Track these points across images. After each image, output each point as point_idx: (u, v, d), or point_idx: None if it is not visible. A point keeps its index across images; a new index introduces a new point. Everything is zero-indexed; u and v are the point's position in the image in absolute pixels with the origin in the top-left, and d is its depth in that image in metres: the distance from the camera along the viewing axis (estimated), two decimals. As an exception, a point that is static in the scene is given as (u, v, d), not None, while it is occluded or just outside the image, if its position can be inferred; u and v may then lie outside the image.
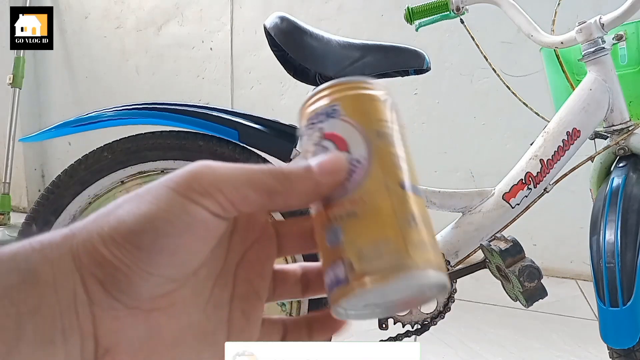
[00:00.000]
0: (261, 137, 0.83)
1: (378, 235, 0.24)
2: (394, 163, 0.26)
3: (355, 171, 0.26)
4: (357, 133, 0.27)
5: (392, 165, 0.26)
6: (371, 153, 0.26)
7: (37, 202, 0.84)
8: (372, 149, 0.26)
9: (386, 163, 0.26)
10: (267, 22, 0.82)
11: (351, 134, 0.27)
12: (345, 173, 0.25)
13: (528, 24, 0.91)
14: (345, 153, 0.26)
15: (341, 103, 0.27)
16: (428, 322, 0.82)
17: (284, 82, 2.28)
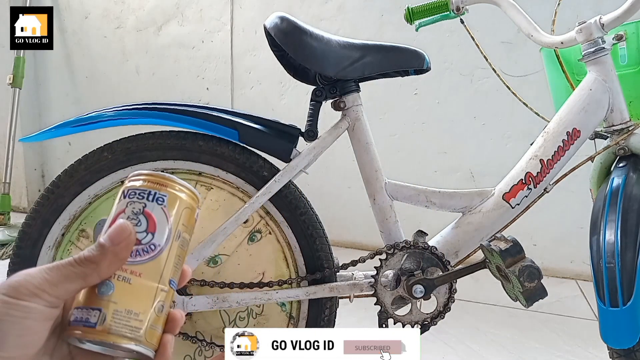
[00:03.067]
0: (261, 137, 0.83)
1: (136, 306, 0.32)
2: (176, 263, 0.35)
3: (148, 251, 0.33)
4: (167, 226, 0.35)
5: (174, 264, 0.35)
6: (167, 246, 0.34)
7: (37, 202, 0.84)
8: (169, 244, 0.35)
9: (171, 259, 0.35)
10: (267, 22, 0.82)
11: (162, 224, 0.34)
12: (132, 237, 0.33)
13: (528, 24, 0.91)
14: (150, 234, 0.34)
15: (169, 196, 0.35)
16: (428, 322, 0.82)
17: (284, 82, 2.28)
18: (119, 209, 0.34)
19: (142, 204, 0.34)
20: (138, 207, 0.34)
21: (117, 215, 0.34)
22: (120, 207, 0.34)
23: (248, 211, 0.83)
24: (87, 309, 0.32)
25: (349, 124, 0.86)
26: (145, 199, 0.34)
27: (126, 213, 0.34)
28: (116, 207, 0.35)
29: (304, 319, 0.89)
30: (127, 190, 0.35)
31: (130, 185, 0.35)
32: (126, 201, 0.34)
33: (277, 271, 0.88)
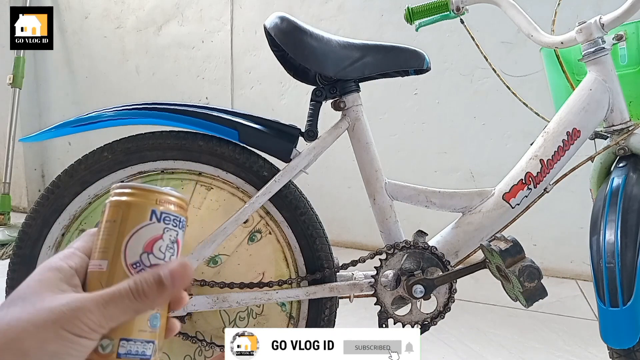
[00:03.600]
0: (261, 137, 0.83)
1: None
2: None
3: None
4: (180, 249, 0.34)
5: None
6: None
7: (37, 202, 0.84)
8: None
9: None
10: (267, 22, 0.82)
11: (181, 248, 0.34)
12: (190, 277, 0.32)
13: (528, 24, 0.91)
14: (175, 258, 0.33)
15: (186, 220, 0.35)
16: (428, 322, 0.82)
17: (284, 82, 2.28)
18: (154, 233, 0.33)
19: (176, 232, 0.34)
20: (173, 235, 0.33)
21: (152, 240, 0.33)
22: (156, 231, 0.33)
23: (248, 211, 0.83)
24: (141, 342, 0.31)
25: (349, 124, 0.86)
26: (178, 227, 0.34)
27: (164, 241, 0.33)
28: (147, 227, 0.33)
29: (304, 319, 0.89)
30: (160, 214, 0.33)
31: (165, 209, 0.33)
32: (162, 226, 0.33)
33: (277, 271, 0.88)
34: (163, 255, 0.33)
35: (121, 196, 0.33)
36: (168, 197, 0.34)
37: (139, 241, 0.32)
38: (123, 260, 0.31)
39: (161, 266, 0.32)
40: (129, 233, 0.32)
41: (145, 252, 0.32)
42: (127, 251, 0.32)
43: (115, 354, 0.30)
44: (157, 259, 0.33)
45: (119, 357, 0.30)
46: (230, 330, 0.35)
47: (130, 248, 0.32)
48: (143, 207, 0.33)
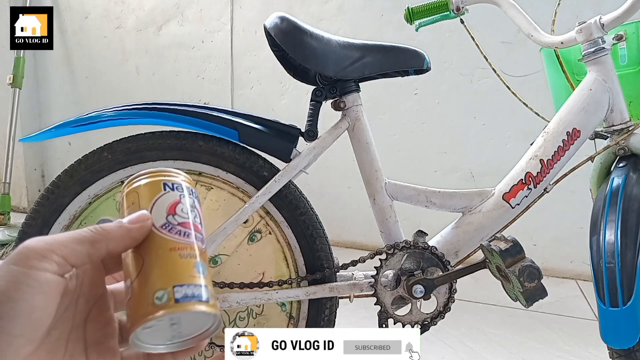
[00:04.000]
0: (261, 137, 0.83)
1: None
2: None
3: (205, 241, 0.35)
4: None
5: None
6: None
7: (37, 202, 0.84)
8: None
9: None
10: (267, 22, 0.82)
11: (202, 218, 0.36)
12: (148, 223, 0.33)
13: (528, 24, 0.91)
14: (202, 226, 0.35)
15: (196, 190, 0.37)
16: (428, 322, 0.82)
17: (284, 82, 2.28)
18: (172, 199, 0.34)
19: (192, 199, 0.36)
20: (190, 201, 0.35)
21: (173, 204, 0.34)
22: (173, 197, 0.35)
23: (248, 211, 0.83)
24: (195, 285, 0.32)
25: (349, 124, 0.86)
26: (192, 196, 0.36)
27: (184, 204, 0.35)
28: (165, 196, 0.34)
29: (304, 319, 0.89)
30: (172, 184, 0.35)
31: (175, 181, 0.36)
32: (177, 193, 0.35)
33: (277, 271, 0.88)
34: (187, 216, 0.34)
35: (132, 184, 0.36)
36: (174, 172, 0.36)
37: (161, 208, 0.34)
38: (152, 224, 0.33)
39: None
40: (150, 204, 0.34)
41: (169, 214, 0.34)
42: (155, 217, 0.33)
43: (172, 300, 0.31)
44: (182, 218, 0.34)
45: (177, 302, 0.31)
46: (230, 330, 0.35)
47: (155, 215, 0.34)
48: (155, 183, 0.35)
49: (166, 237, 0.33)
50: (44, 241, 0.29)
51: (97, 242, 0.31)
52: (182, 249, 0.33)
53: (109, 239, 0.32)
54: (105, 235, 0.32)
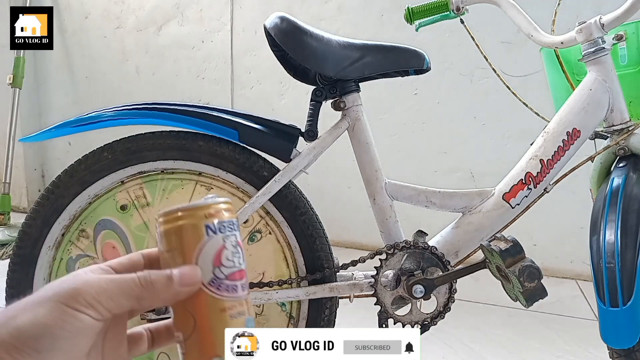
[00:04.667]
0: (261, 137, 0.83)
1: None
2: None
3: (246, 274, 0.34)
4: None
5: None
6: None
7: (37, 202, 0.84)
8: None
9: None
10: (267, 22, 0.82)
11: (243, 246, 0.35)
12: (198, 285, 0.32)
13: (528, 24, 0.91)
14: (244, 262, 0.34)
15: (237, 219, 0.35)
16: (428, 322, 0.82)
17: (284, 82, 2.28)
18: (217, 247, 0.33)
19: (234, 235, 0.34)
20: (233, 240, 0.34)
21: (218, 253, 0.33)
22: (218, 243, 0.33)
23: (248, 211, 0.83)
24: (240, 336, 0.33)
25: (349, 124, 0.86)
26: (234, 230, 0.34)
27: (228, 249, 0.33)
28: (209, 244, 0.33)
29: (304, 319, 0.89)
30: (215, 225, 0.33)
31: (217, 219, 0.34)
32: (221, 236, 0.33)
33: (277, 271, 0.88)
34: (232, 263, 0.33)
35: (170, 223, 0.34)
36: (215, 207, 0.34)
37: (207, 259, 0.33)
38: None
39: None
40: (193, 256, 0.33)
41: (215, 266, 0.32)
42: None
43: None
44: (229, 268, 0.33)
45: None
46: (230, 331, 0.35)
47: (202, 269, 0.32)
48: (197, 227, 0.33)
49: (216, 297, 0.32)
50: (94, 288, 0.30)
51: (143, 299, 0.32)
52: (232, 308, 0.33)
53: (156, 297, 0.32)
54: (153, 293, 0.32)
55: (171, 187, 0.87)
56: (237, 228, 0.34)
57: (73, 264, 0.87)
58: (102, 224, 0.87)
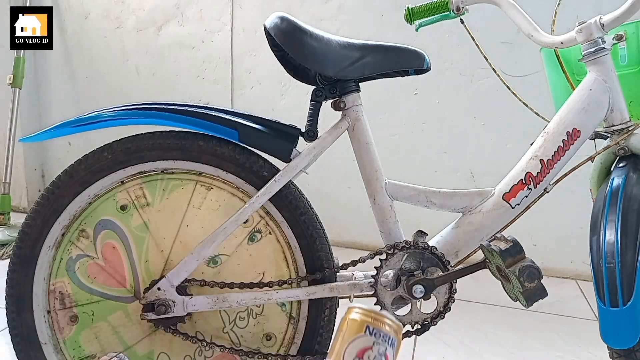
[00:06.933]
0: (261, 137, 0.83)
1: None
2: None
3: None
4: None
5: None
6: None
7: (37, 202, 0.84)
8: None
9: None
10: (267, 22, 0.82)
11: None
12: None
13: (528, 24, 0.91)
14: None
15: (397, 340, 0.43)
16: (428, 322, 0.82)
17: (284, 82, 2.28)
18: (365, 344, 0.41)
19: (385, 347, 0.41)
20: (382, 349, 0.41)
21: (363, 349, 0.41)
22: (367, 342, 0.41)
23: (248, 211, 0.83)
24: None
25: (349, 124, 0.86)
26: (387, 343, 0.41)
27: (373, 352, 0.41)
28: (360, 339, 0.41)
29: (304, 319, 0.89)
30: (373, 329, 0.41)
31: (377, 326, 0.42)
32: (372, 339, 0.41)
33: (277, 271, 0.88)
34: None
35: (352, 312, 0.43)
36: (382, 318, 0.42)
37: (354, 349, 0.41)
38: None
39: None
40: (348, 341, 0.41)
41: (357, 357, 0.40)
42: (345, 355, 0.41)
43: None
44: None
45: None
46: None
47: (348, 353, 0.41)
48: (362, 322, 0.42)
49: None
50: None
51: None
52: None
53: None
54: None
55: (171, 187, 0.87)
56: (391, 344, 0.42)
57: (73, 264, 0.87)
58: (102, 224, 0.87)
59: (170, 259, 0.87)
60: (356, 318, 0.42)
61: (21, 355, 0.85)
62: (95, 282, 0.87)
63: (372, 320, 0.42)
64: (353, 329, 0.42)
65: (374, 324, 0.42)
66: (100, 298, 0.87)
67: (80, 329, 0.87)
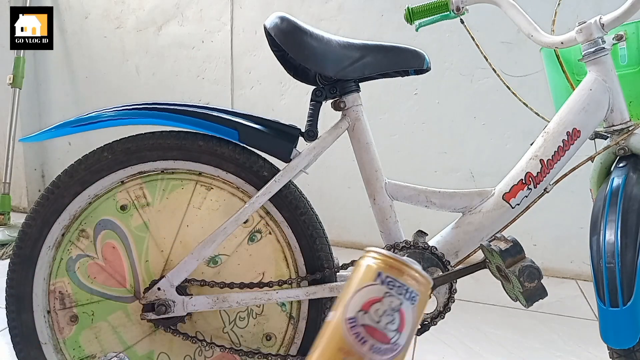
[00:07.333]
0: (261, 137, 0.83)
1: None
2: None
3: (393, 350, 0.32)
4: (412, 327, 0.33)
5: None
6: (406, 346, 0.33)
7: (37, 202, 0.84)
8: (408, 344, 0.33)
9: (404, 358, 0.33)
10: (267, 22, 0.82)
11: (409, 324, 0.33)
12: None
13: (528, 24, 0.91)
14: (398, 333, 0.32)
15: (420, 297, 0.34)
16: (428, 322, 0.82)
17: (284, 82, 2.28)
18: (374, 294, 0.33)
19: (400, 300, 0.33)
20: (396, 303, 0.33)
21: (371, 301, 0.33)
22: (377, 293, 0.33)
23: (248, 211, 0.83)
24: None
25: (349, 124, 0.86)
26: (403, 296, 0.34)
27: (383, 305, 0.33)
28: (369, 288, 0.34)
29: (304, 319, 0.89)
30: (385, 277, 0.34)
31: (391, 274, 0.34)
32: (384, 289, 0.34)
33: (277, 271, 0.88)
34: (379, 320, 0.33)
35: (364, 258, 0.36)
36: (402, 266, 0.35)
37: (360, 299, 0.33)
38: (343, 313, 0.32)
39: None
40: (354, 290, 0.34)
41: (362, 310, 0.33)
42: (349, 306, 0.33)
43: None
44: (372, 320, 0.33)
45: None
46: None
47: (352, 304, 0.33)
48: (373, 269, 0.35)
49: (342, 334, 0.32)
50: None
51: None
52: (349, 355, 0.32)
53: None
54: None
55: (171, 187, 0.87)
56: (409, 297, 0.34)
57: (73, 264, 0.87)
58: (102, 224, 0.87)
59: (170, 259, 0.87)
60: (369, 263, 0.35)
61: (21, 355, 0.85)
62: (95, 282, 0.87)
63: (386, 267, 0.34)
64: (363, 276, 0.35)
65: (389, 271, 0.34)
66: (100, 298, 0.87)
67: (80, 329, 0.87)
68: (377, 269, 0.34)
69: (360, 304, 0.33)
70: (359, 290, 0.34)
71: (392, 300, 0.33)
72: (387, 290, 0.33)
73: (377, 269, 0.34)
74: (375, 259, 0.35)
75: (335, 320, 0.33)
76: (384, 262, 0.34)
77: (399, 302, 0.33)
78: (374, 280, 0.34)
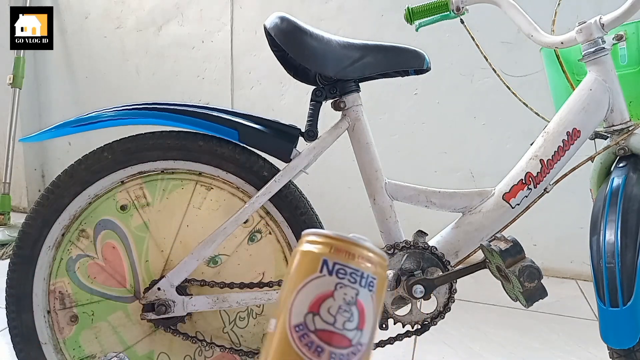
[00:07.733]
0: (261, 137, 0.83)
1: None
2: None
3: (355, 353, 0.26)
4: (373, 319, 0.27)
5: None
6: (369, 344, 0.27)
7: (37, 202, 0.84)
8: (371, 341, 0.27)
9: (368, 358, 0.27)
10: (267, 22, 0.82)
11: (370, 317, 0.26)
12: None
13: (528, 24, 0.91)
14: (359, 331, 0.26)
15: (378, 280, 0.27)
16: (428, 322, 0.82)
17: (284, 82, 2.28)
18: (322, 289, 0.26)
19: (355, 290, 0.26)
20: (350, 294, 0.26)
21: (319, 298, 0.26)
22: (325, 286, 0.26)
23: (248, 211, 0.83)
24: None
25: (349, 124, 0.86)
26: (357, 284, 0.26)
27: (336, 300, 0.26)
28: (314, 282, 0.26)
29: (304, 319, 0.89)
30: (332, 264, 0.26)
31: (339, 259, 0.26)
32: (333, 280, 0.26)
33: (277, 271, 0.88)
34: (333, 320, 0.26)
35: (302, 244, 0.28)
36: (348, 245, 0.27)
37: (305, 299, 0.26)
38: (288, 320, 0.26)
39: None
40: (296, 288, 0.26)
41: (310, 312, 0.26)
42: (293, 310, 0.26)
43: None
44: (324, 322, 0.25)
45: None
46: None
47: (296, 306, 0.26)
48: (315, 256, 0.27)
49: (291, 347, 0.25)
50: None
51: None
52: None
53: None
54: None
55: (171, 187, 0.87)
56: (366, 285, 0.26)
57: (73, 264, 0.87)
58: (102, 224, 0.87)
59: (170, 259, 0.87)
60: (308, 249, 0.27)
61: (21, 355, 0.85)
62: (95, 282, 0.87)
63: (332, 251, 0.26)
64: (304, 267, 0.26)
65: (336, 255, 0.26)
66: (100, 298, 0.87)
67: (80, 329, 0.87)
68: (320, 256, 0.26)
69: (307, 304, 0.26)
70: (302, 287, 0.26)
71: (346, 292, 0.26)
72: (337, 280, 0.26)
73: (320, 255, 0.26)
74: (315, 244, 0.27)
75: (278, 331, 0.26)
76: (327, 246, 0.26)
77: (354, 293, 0.26)
78: (319, 271, 0.26)
